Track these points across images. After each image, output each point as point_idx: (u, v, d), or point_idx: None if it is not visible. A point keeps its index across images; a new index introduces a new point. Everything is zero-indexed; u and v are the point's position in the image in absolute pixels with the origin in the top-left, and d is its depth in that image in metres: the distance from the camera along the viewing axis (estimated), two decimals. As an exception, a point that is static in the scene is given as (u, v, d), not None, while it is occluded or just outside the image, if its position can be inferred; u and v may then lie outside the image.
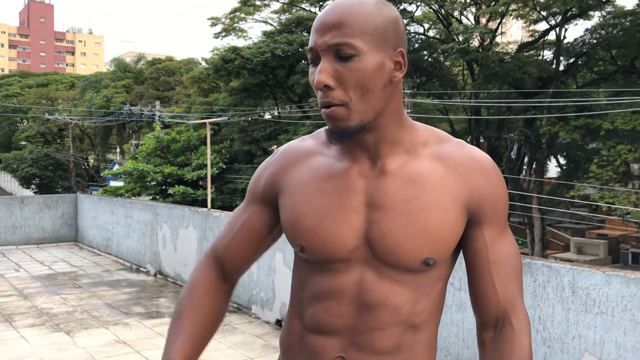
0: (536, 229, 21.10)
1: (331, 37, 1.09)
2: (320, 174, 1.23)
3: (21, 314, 6.95)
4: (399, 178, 1.17)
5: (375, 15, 1.11)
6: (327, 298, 1.20)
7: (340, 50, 1.09)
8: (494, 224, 1.21)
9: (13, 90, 46.36)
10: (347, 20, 1.09)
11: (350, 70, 1.09)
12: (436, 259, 1.16)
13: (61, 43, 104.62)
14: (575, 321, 3.44)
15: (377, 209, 1.17)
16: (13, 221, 12.43)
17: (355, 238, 1.17)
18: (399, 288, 1.17)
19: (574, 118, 18.59)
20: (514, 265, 1.22)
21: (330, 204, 1.19)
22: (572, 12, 19.90)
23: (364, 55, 1.09)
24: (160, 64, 40.10)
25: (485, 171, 1.20)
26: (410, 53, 23.08)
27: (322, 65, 1.10)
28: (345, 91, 1.10)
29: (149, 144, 20.84)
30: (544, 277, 3.64)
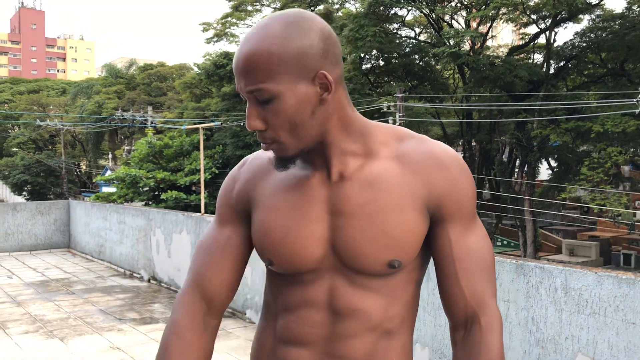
0: (528, 231, 21.21)
1: (245, 84, 1.08)
2: (284, 185, 1.21)
3: (14, 320, 6.92)
4: (357, 182, 1.16)
5: (285, 49, 1.05)
6: (299, 308, 1.19)
7: (257, 95, 1.08)
8: (459, 220, 1.17)
9: (4, 96, 46.18)
10: (254, 65, 1.05)
11: (273, 112, 1.08)
12: (401, 261, 1.14)
13: (52, 49, 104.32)
14: (568, 322, 3.47)
15: (339, 216, 1.15)
16: (5, 228, 12.37)
17: (322, 247, 1.16)
18: (369, 294, 1.16)
19: (565, 121, 18.73)
20: (482, 261, 1.18)
21: (295, 216, 1.17)
22: (561, 15, 20.07)
23: (282, 96, 1.07)
24: (152, 70, 40.06)
25: (443, 166, 1.16)
26: (401, 57, 23.22)
27: (248, 110, 1.10)
28: (274, 131, 1.10)
29: (141, 150, 20.78)
30: (536, 278, 3.67)
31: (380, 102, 20.05)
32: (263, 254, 1.21)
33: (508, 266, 3.84)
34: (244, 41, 1.10)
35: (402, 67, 23.41)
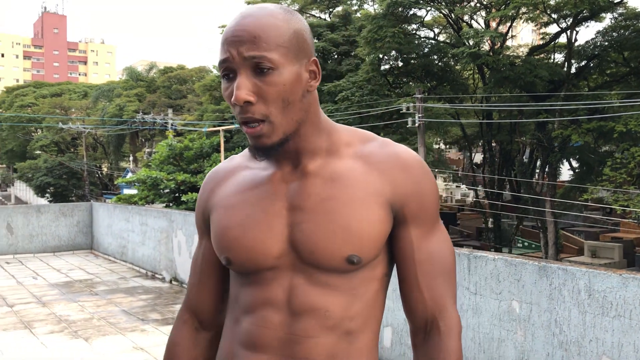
0: (549, 232, 20.98)
1: (247, 49, 1.06)
2: (244, 186, 1.21)
3: (40, 320, 7.04)
4: (320, 178, 1.15)
5: (287, 27, 1.09)
6: (258, 309, 1.16)
7: (259, 64, 1.06)
8: (421, 223, 1.16)
9: (28, 100, 46.93)
10: (262, 33, 1.06)
11: (270, 84, 1.07)
12: (360, 256, 1.12)
13: (74, 53, 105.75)
14: (592, 324, 3.44)
15: (298, 212, 1.14)
16: (30, 230, 12.58)
17: (280, 243, 1.14)
18: (328, 291, 1.14)
19: (586, 121, 18.51)
20: (443, 265, 1.17)
21: (254, 213, 1.16)
22: (583, 14, 19.85)
23: (282, 68, 1.07)
24: (172, 72, 40.42)
25: (407, 168, 1.16)
26: (420, 58, 23.14)
27: (240, 81, 1.06)
28: (266, 105, 1.07)
29: (162, 152, 20.97)
30: (559, 280, 3.65)
31: (399, 103, 20.00)
32: (221, 253, 1.19)
33: (530, 268, 3.82)
34: (244, 15, 1.09)
35: (421, 67, 23.33)
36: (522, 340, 3.84)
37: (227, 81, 1.11)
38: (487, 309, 4.08)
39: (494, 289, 4.04)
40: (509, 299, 3.94)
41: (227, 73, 1.09)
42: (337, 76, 23.65)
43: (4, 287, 9.18)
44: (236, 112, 1.10)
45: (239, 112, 1.08)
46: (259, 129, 1.08)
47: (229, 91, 1.10)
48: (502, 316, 3.99)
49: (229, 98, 1.09)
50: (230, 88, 1.09)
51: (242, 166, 1.26)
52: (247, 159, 1.27)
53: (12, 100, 48.63)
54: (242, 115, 1.08)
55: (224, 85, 1.11)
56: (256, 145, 1.10)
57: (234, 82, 1.08)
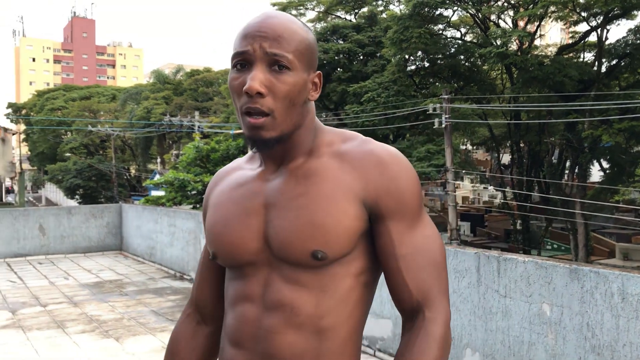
0: (579, 234, 20.63)
1: (270, 46, 1.12)
2: (232, 185, 1.28)
3: (72, 320, 7.17)
4: (294, 176, 1.19)
5: (305, 37, 1.17)
6: (238, 304, 1.20)
7: (278, 61, 1.12)
8: (401, 218, 1.17)
9: (58, 103, 47.81)
10: (286, 34, 1.13)
11: (283, 82, 1.13)
12: (325, 252, 1.13)
13: (102, 57, 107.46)
14: (626, 328, 3.38)
15: (272, 209, 1.19)
16: (61, 231, 12.82)
17: (257, 240, 1.19)
18: (297, 287, 1.15)
19: (618, 121, 18.16)
20: (429, 258, 1.17)
21: (235, 210, 1.23)
22: (614, 12, 19.49)
23: (295, 71, 1.14)
24: (199, 75, 40.82)
25: (382, 164, 1.17)
26: (447, 58, 22.98)
27: (256, 73, 1.12)
28: (274, 101, 1.13)
29: (189, 154, 21.19)
30: (591, 283, 3.59)
31: (425, 104, 19.88)
32: (209, 247, 1.26)
33: (561, 270, 3.77)
34: (269, 15, 1.16)
35: (448, 68, 23.15)
36: (553, 343, 3.79)
37: (237, 72, 1.15)
38: (517, 312, 4.04)
39: (524, 291, 3.99)
40: (540, 302, 3.90)
41: (242, 64, 1.14)
42: (363, 77, 23.61)
43: (36, 287, 9.37)
44: (242, 102, 1.14)
45: (246, 102, 1.13)
46: (262, 121, 1.13)
47: (239, 81, 1.14)
48: (532, 319, 3.94)
49: (238, 87, 1.14)
50: (241, 78, 1.14)
51: (238, 167, 1.33)
52: (246, 161, 1.33)
53: (42, 103, 49.62)
54: (250, 105, 1.12)
55: (234, 75, 1.16)
56: (254, 137, 1.15)
57: (246, 73, 1.14)
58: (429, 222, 1.22)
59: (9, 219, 12.37)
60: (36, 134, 47.36)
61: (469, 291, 4.41)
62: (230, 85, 1.17)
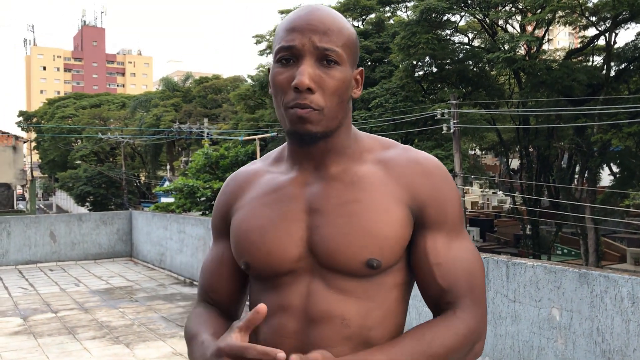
0: (590, 239, 20.50)
1: (319, 39, 1.08)
2: (264, 189, 1.20)
3: (83, 326, 7.22)
4: (340, 182, 1.15)
5: (351, 32, 1.14)
6: (274, 316, 1.12)
7: (327, 55, 1.08)
8: (441, 229, 1.14)
9: (68, 111, 48.17)
10: (335, 28, 1.10)
11: (332, 77, 1.09)
12: (380, 261, 1.09)
13: (112, 65, 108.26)
14: (636, 333, 3.37)
15: (317, 215, 1.13)
16: (72, 238, 12.90)
17: (299, 247, 1.12)
18: (346, 297, 1.10)
19: (627, 125, 18.07)
20: (466, 268, 1.13)
21: (272, 216, 1.15)
22: (622, 16, 19.43)
23: (343, 66, 1.11)
24: (208, 82, 41.02)
25: (427, 174, 1.15)
26: (455, 63, 22.98)
27: (305, 67, 1.07)
28: (324, 97, 1.08)
29: (198, 161, 21.29)
30: (601, 287, 3.59)
31: (433, 109, 19.88)
32: (240, 257, 1.18)
33: (571, 275, 3.76)
34: (315, 8, 1.12)
35: (456, 73, 23.14)
36: (562, 348, 3.78)
37: (282, 66, 1.10)
38: (526, 316, 4.04)
39: (534, 296, 3.99)
40: (549, 307, 3.89)
41: (287, 58, 1.09)
42: (371, 83, 23.64)
43: (48, 293, 9.44)
44: (289, 98, 1.08)
45: (294, 97, 1.08)
46: (310, 113, 1.08)
47: (284, 76, 1.09)
48: (542, 324, 3.93)
49: (284, 82, 1.09)
50: (288, 73, 1.09)
51: (263, 171, 1.25)
52: (268, 164, 1.26)
53: (53, 111, 50.01)
54: (299, 101, 1.07)
55: (278, 69, 1.11)
56: (299, 130, 1.10)
57: (292, 68, 1.09)
58: (466, 235, 1.19)
59: (20, 226, 12.47)
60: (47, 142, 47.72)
61: (478, 296, 4.41)
62: (275, 80, 1.11)
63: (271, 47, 28.86)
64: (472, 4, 21.44)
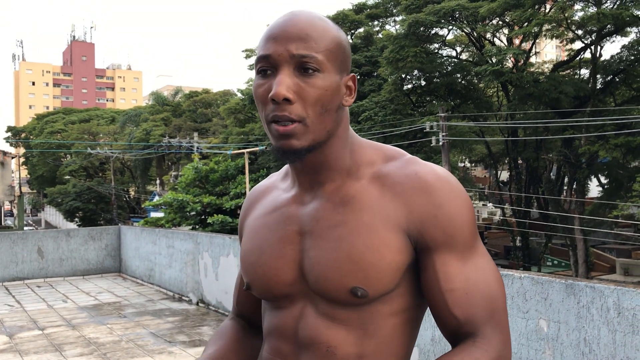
0: (579, 250, 20.60)
1: (296, 47, 1.00)
2: (267, 208, 1.17)
3: (70, 343, 7.13)
4: (332, 202, 1.08)
5: (337, 35, 1.05)
6: (272, 336, 1.12)
7: (305, 63, 1.00)
8: (449, 249, 1.03)
9: (57, 126, 48.02)
10: (314, 33, 1.02)
11: (313, 86, 1.01)
12: (366, 289, 1.01)
13: (101, 79, 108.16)
14: (623, 343, 3.38)
15: (308, 237, 1.08)
16: (60, 253, 12.79)
17: (292, 270, 1.08)
18: (334, 324, 1.05)
19: (614, 136, 18.25)
20: (482, 291, 1.03)
21: (269, 237, 1.12)
22: (607, 29, 19.69)
23: (326, 73, 1.02)
24: (197, 97, 41.06)
25: (427, 190, 1.03)
26: (443, 76, 23.15)
27: (282, 77, 1.00)
28: (304, 107, 1.01)
29: (188, 175, 21.24)
30: (587, 298, 3.60)
31: (422, 122, 19.99)
32: (244, 277, 1.17)
33: (557, 286, 3.77)
34: (295, 13, 1.05)
35: (444, 86, 23.32)
36: (550, 359, 3.78)
37: (262, 77, 1.04)
38: (514, 328, 4.04)
39: (521, 307, 4.00)
40: (537, 318, 3.90)
41: (265, 69, 1.03)
42: (360, 96, 23.76)
43: (34, 310, 9.34)
44: (268, 110, 1.02)
45: (273, 109, 1.01)
46: (292, 128, 1.01)
47: (264, 88, 1.03)
48: (529, 335, 3.94)
49: (264, 94, 1.03)
50: (266, 84, 1.02)
51: (274, 186, 1.22)
52: (280, 179, 1.22)
53: (42, 127, 49.82)
54: (277, 112, 1.00)
55: (259, 81, 1.04)
56: (282, 147, 1.03)
57: (271, 78, 1.02)
58: (482, 252, 1.07)
59: (7, 242, 12.36)
60: (35, 157, 47.49)
61: (466, 308, 4.41)
62: (255, 92, 1.05)
63: (261, 61, 29.07)
64: (459, 17, 21.65)
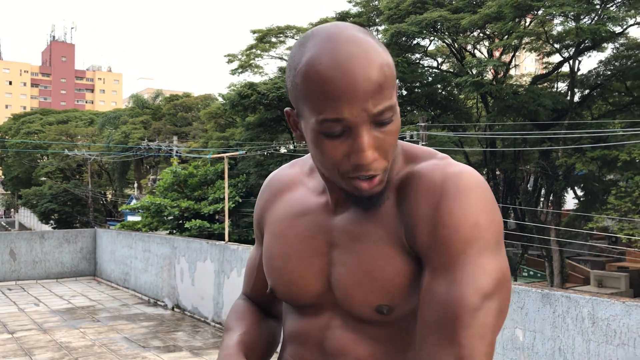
0: (555, 261, 20.84)
1: (374, 104, 0.88)
2: (294, 210, 1.10)
3: (40, 347, 6.99)
4: (360, 212, 1.01)
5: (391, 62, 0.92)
6: (295, 342, 1.10)
7: (384, 116, 0.90)
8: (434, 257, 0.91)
9: (34, 127, 47.31)
10: (381, 76, 0.88)
11: (390, 134, 0.92)
12: (390, 306, 0.97)
13: (81, 81, 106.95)
14: (597, 353, 3.41)
15: (335, 249, 1.03)
16: (33, 256, 12.57)
17: (320, 283, 1.04)
18: (362, 339, 1.01)
19: (590, 149, 18.53)
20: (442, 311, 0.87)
21: (297, 245, 1.07)
22: (585, 44, 20.02)
23: (397, 112, 0.93)
24: (178, 100, 40.79)
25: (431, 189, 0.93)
26: (424, 86, 23.33)
27: (365, 140, 0.89)
28: (386, 158, 0.93)
29: (167, 179, 21.06)
30: (563, 307, 3.62)
31: (403, 131, 20.09)
32: (267, 278, 1.14)
33: (534, 295, 3.79)
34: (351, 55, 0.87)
35: (425, 96, 23.49)
36: (526, 369, 3.79)
37: (332, 139, 0.91)
38: (490, 337, 4.05)
39: (497, 316, 4.01)
40: (513, 327, 3.91)
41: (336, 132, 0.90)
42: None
43: (4, 313, 9.14)
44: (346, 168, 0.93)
45: (355, 170, 0.92)
46: (377, 180, 0.94)
47: (340, 150, 0.91)
48: (505, 344, 3.95)
49: (340, 156, 0.92)
50: (342, 146, 0.91)
51: (299, 181, 1.14)
52: (304, 173, 1.15)
53: (18, 127, 49.05)
54: (363, 173, 0.92)
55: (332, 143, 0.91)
56: (363, 195, 0.96)
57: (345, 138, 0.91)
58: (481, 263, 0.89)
59: (-21, 243, 12.11)
60: (11, 158, 46.71)
61: (443, 316, 4.42)
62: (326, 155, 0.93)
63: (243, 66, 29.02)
64: (441, 28, 21.85)
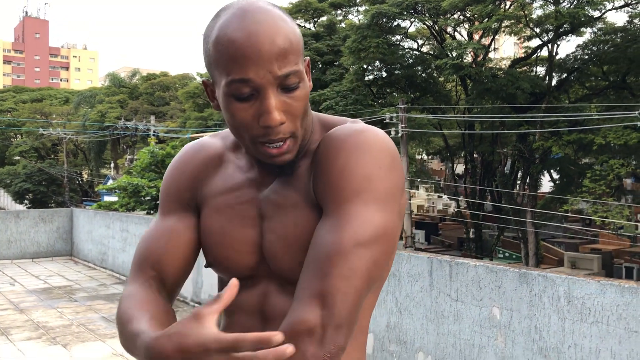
0: (530, 243, 21.18)
1: (280, 67, 0.93)
2: (227, 185, 1.13)
3: (17, 327, 6.93)
4: (280, 182, 1.07)
5: (296, 31, 0.98)
6: (236, 311, 1.12)
7: (289, 80, 0.95)
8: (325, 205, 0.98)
9: (7, 105, 46.39)
10: (289, 45, 0.94)
11: (298, 99, 0.97)
12: None
13: (56, 58, 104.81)
14: (571, 330, 3.48)
15: (265, 220, 1.08)
16: (8, 235, 12.40)
17: (254, 253, 1.09)
18: None
19: (567, 133, 18.78)
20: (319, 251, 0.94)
21: (233, 218, 1.10)
22: (564, 28, 20.18)
23: (304, 79, 0.98)
24: (155, 79, 40.29)
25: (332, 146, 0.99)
26: (404, 68, 23.33)
27: (271, 101, 0.94)
28: (294, 122, 0.98)
29: (144, 159, 20.80)
30: (539, 287, 3.69)
31: (382, 113, 20.12)
32: (205, 255, 1.15)
33: (511, 274, 3.86)
34: (258, 21, 0.93)
35: (405, 78, 23.52)
36: (502, 346, 3.87)
37: (241, 101, 0.96)
38: (468, 315, 4.11)
39: (475, 295, 4.07)
40: (490, 306, 3.97)
41: (244, 94, 0.95)
42: (322, 85, 23.73)
43: (-20, 293, 9.03)
44: (256, 133, 0.98)
45: (265, 134, 0.97)
46: (285, 147, 0.99)
47: (248, 112, 0.96)
48: (482, 322, 4.01)
49: (248, 119, 0.97)
50: (250, 109, 0.96)
51: (227, 158, 1.16)
52: (229, 148, 1.17)
53: (-9, 105, 48.04)
54: (272, 137, 0.97)
55: (239, 105, 0.96)
56: (275, 162, 1.01)
57: (253, 101, 0.96)
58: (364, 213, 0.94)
59: (-48, 222, 11.90)
60: (-17, 137, 45.79)
61: (422, 295, 4.47)
62: (236, 117, 0.97)
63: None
64: (421, 10, 21.83)
